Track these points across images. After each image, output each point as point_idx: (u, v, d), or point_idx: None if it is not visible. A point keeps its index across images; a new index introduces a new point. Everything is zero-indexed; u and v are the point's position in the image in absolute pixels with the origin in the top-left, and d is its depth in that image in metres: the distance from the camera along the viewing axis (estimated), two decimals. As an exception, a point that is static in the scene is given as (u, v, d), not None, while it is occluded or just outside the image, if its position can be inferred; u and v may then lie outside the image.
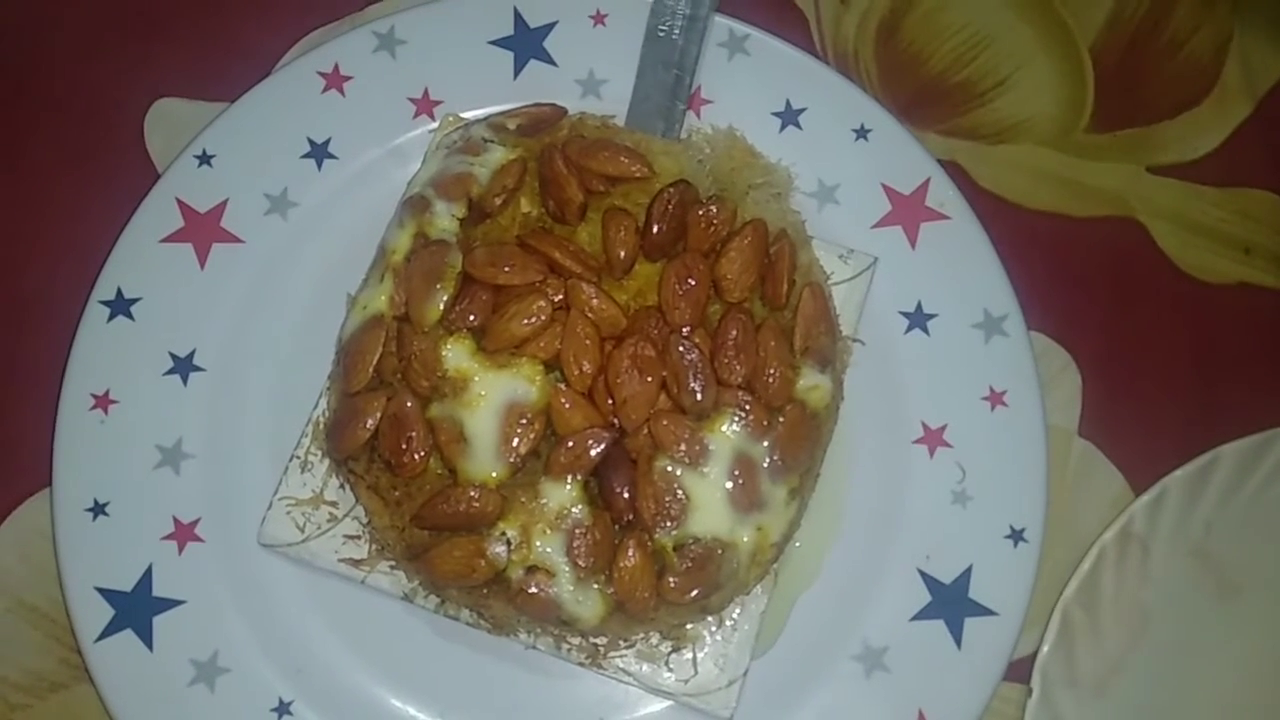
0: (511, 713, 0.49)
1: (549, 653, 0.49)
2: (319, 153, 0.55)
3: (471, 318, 0.48)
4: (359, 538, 0.50)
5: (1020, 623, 0.48)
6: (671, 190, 0.49)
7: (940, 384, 0.53)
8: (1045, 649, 0.47)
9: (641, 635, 0.49)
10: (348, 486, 0.49)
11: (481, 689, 0.50)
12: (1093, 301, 0.56)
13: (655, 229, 0.49)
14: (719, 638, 0.49)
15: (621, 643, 0.49)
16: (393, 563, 0.49)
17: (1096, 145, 0.59)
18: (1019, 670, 0.48)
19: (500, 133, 0.52)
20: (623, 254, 0.48)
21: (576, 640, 0.49)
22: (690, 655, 0.49)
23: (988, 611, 0.49)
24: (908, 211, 0.55)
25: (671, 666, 0.49)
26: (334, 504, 0.50)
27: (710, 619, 0.49)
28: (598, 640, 0.49)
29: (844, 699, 0.48)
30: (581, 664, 0.49)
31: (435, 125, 0.56)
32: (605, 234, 0.49)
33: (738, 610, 0.50)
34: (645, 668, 0.49)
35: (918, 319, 0.54)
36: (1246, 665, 0.49)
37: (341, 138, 0.55)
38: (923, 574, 0.50)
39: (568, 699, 0.49)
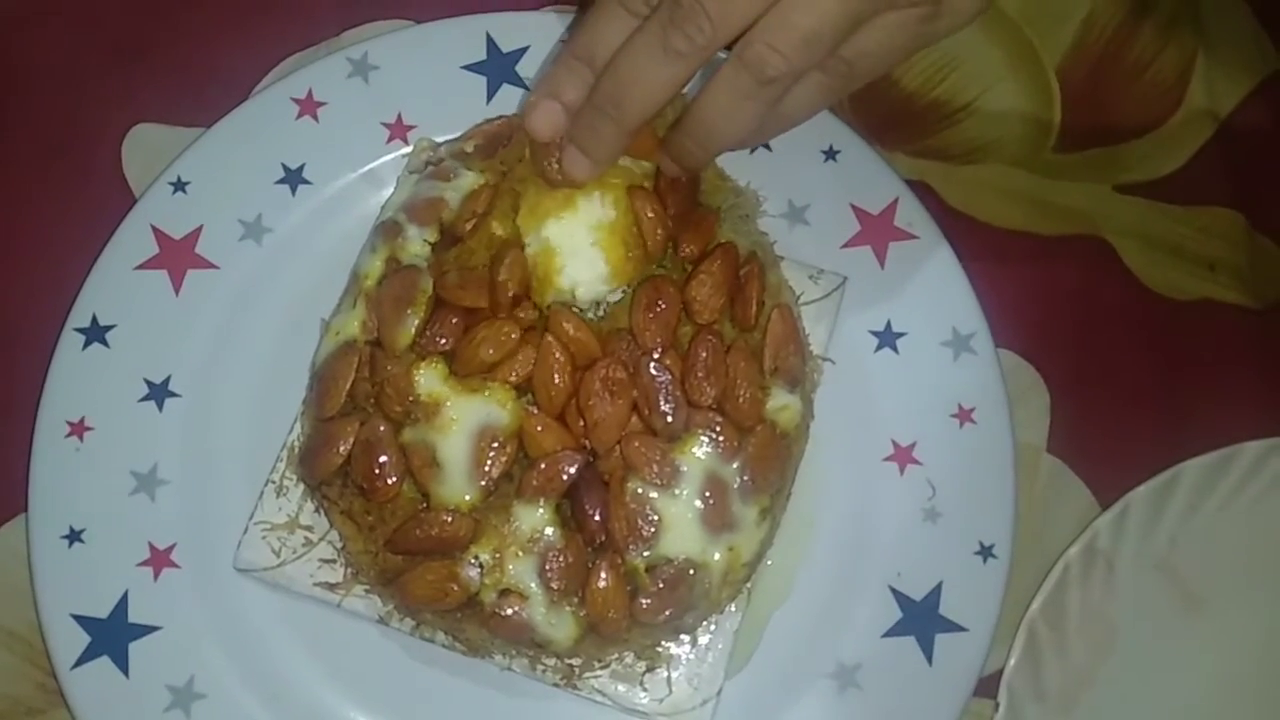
0: (488, 735, 0.50)
1: (524, 674, 0.49)
2: (293, 178, 0.56)
3: (442, 341, 0.48)
4: (334, 562, 0.50)
5: (989, 639, 0.49)
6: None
7: (910, 401, 0.53)
8: (1011, 664, 0.48)
9: (616, 656, 0.49)
10: (322, 511, 0.50)
11: (458, 711, 0.50)
12: (1060, 319, 0.57)
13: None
14: (693, 657, 0.50)
15: (596, 663, 0.49)
16: (367, 587, 0.50)
17: (1063, 165, 0.60)
18: (988, 685, 0.49)
19: (464, 158, 0.52)
20: None
21: (551, 662, 0.49)
22: (665, 675, 0.50)
23: (958, 628, 0.49)
24: (876, 231, 0.56)
25: (646, 686, 0.49)
26: (309, 529, 0.51)
27: (684, 638, 0.50)
28: (572, 661, 0.49)
29: (817, 716, 0.49)
30: (557, 685, 0.49)
31: (409, 150, 0.56)
32: None
33: (712, 629, 0.50)
34: (620, 688, 0.49)
35: (887, 337, 0.54)
36: (1213, 677, 0.49)
37: (315, 163, 0.56)
38: (894, 591, 0.50)
39: (544, 720, 0.50)
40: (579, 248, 0.49)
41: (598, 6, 0.46)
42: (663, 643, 0.49)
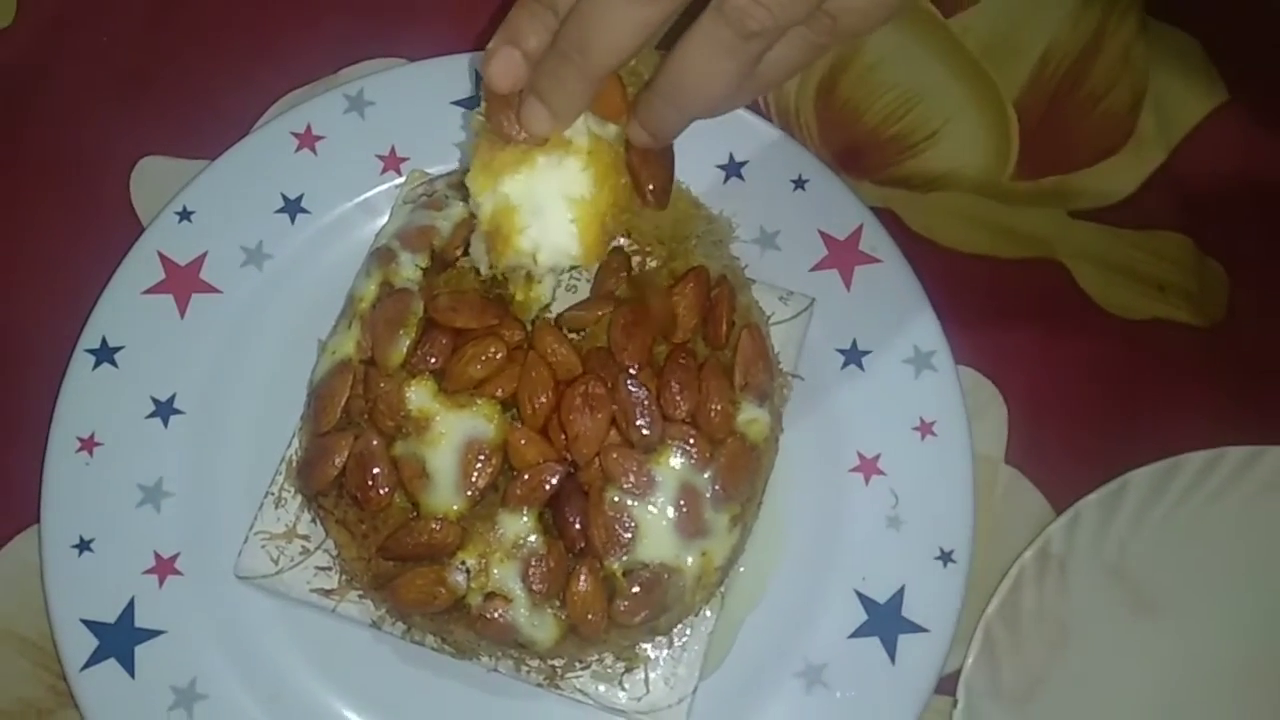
0: (476, 733, 0.52)
1: (510, 675, 0.52)
2: (292, 208, 0.59)
3: (432, 360, 0.51)
4: (329, 569, 0.53)
5: (949, 638, 0.52)
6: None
7: (874, 416, 0.56)
8: (969, 662, 0.50)
9: (596, 657, 0.52)
10: (318, 521, 0.53)
11: (446, 710, 0.52)
12: (1018, 338, 0.60)
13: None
14: (670, 658, 0.52)
15: (577, 664, 0.52)
16: (361, 592, 0.52)
17: (1021, 192, 0.63)
18: (948, 683, 0.52)
19: (460, 190, 0.56)
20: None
21: (535, 663, 0.52)
22: (643, 675, 0.52)
23: (919, 629, 0.52)
24: (842, 255, 0.59)
25: (625, 686, 0.52)
26: (306, 538, 0.53)
27: (661, 640, 0.53)
28: (555, 662, 0.52)
29: (786, 713, 0.51)
30: (540, 685, 0.52)
31: (402, 180, 0.60)
32: None
33: (688, 632, 0.53)
34: (601, 688, 0.52)
35: (853, 355, 0.57)
36: (1162, 676, 0.52)
37: (314, 193, 0.59)
38: (859, 594, 0.53)
39: (528, 719, 0.52)
40: (542, 208, 0.46)
41: None
42: (640, 644, 0.52)
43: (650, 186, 0.48)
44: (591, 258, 0.47)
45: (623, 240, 0.55)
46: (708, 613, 0.53)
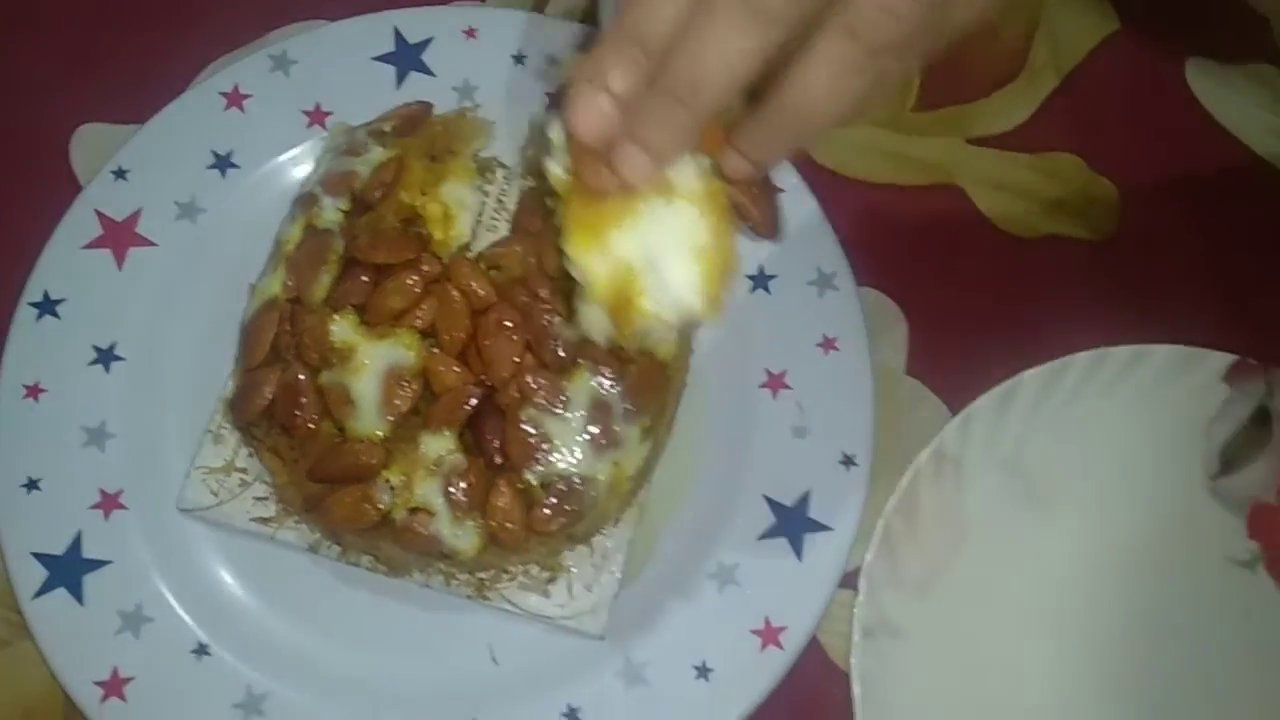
0: (410, 646, 0.55)
1: (441, 590, 0.55)
2: (223, 163, 0.62)
3: (354, 294, 0.54)
4: (267, 499, 0.56)
5: (852, 536, 0.55)
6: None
7: (781, 335, 0.59)
8: (869, 557, 0.54)
9: (521, 567, 0.55)
10: (253, 452, 0.56)
11: (383, 627, 0.55)
12: (919, 259, 0.63)
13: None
14: (591, 566, 0.55)
15: (504, 575, 0.55)
16: (297, 519, 0.55)
17: (922, 122, 0.66)
18: (853, 579, 0.55)
19: (379, 136, 0.59)
20: None
21: (464, 576, 0.55)
22: (566, 584, 0.55)
23: (824, 528, 0.55)
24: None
25: (550, 595, 0.55)
26: (244, 471, 0.56)
27: (583, 551, 0.56)
28: (482, 575, 0.55)
29: (700, 612, 0.54)
30: (470, 597, 0.55)
31: (326, 134, 0.62)
32: None
33: (609, 543, 0.56)
34: (527, 598, 0.55)
35: (760, 280, 0.60)
36: (1054, 562, 0.55)
37: (243, 149, 0.62)
38: (768, 499, 0.56)
39: (460, 631, 0.55)
40: (658, 262, 0.42)
41: None
42: (562, 553, 0.55)
43: (760, 219, 0.46)
44: (716, 310, 0.43)
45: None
46: (626, 523, 0.56)
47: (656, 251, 0.42)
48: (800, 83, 0.38)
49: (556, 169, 0.43)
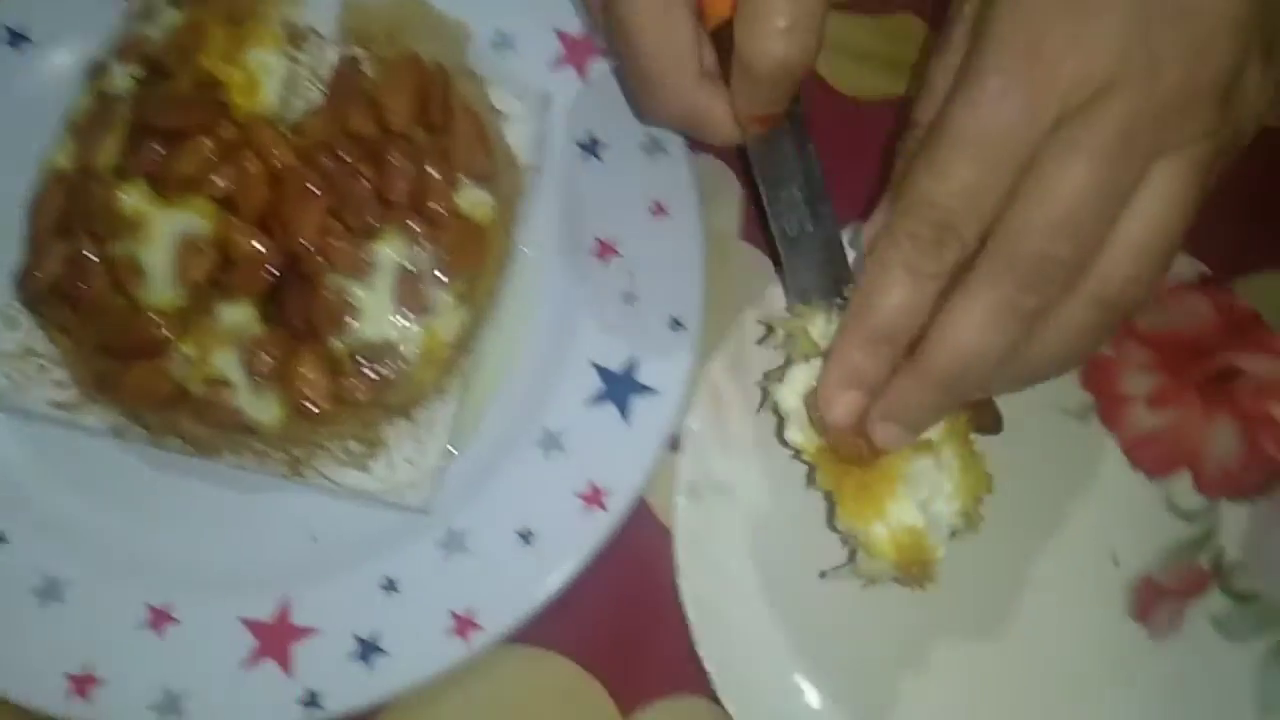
0: (223, 527, 0.53)
1: (254, 470, 0.53)
2: (15, 38, 0.58)
3: (145, 162, 0.51)
4: (68, 385, 0.53)
5: (679, 397, 0.54)
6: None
7: (612, 202, 0.57)
8: (692, 414, 0.52)
9: (337, 443, 0.53)
10: (44, 330, 0.53)
11: (196, 510, 0.53)
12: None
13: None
14: (413, 440, 0.54)
15: (320, 451, 0.53)
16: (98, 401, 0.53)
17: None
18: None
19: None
20: None
21: (278, 455, 0.53)
22: (387, 459, 0.53)
23: (651, 391, 0.54)
24: (579, 53, 0.59)
25: (370, 470, 0.53)
26: (41, 356, 0.53)
27: (405, 424, 0.54)
28: (296, 452, 0.53)
29: (524, 478, 0.53)
30: (285, 476, 0.53)
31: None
32: None
33: (432, 415, 0.54)
34: (346, 474, 0.53)
35: (591, 147, 0.58)
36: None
37: (36, 24, 0.58)
38: (596, 366, 0.55)
39: (277, 510, 0.54)
40: (930, 512, 0.45)
41: (881, 278, 0.41)
42: (380, 427, 0.53)
43: (988, 423, 0.48)
44: (979, 523, 0.47)
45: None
46: (450, 394, 0.54)
47: (924, 499, 0.45)
48: (951, 340, 0.40)
49: (798, 436, 0.47)
